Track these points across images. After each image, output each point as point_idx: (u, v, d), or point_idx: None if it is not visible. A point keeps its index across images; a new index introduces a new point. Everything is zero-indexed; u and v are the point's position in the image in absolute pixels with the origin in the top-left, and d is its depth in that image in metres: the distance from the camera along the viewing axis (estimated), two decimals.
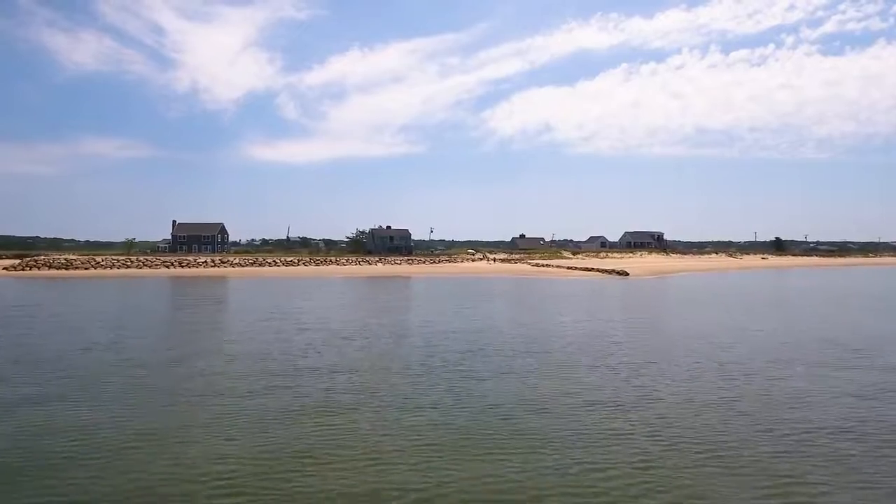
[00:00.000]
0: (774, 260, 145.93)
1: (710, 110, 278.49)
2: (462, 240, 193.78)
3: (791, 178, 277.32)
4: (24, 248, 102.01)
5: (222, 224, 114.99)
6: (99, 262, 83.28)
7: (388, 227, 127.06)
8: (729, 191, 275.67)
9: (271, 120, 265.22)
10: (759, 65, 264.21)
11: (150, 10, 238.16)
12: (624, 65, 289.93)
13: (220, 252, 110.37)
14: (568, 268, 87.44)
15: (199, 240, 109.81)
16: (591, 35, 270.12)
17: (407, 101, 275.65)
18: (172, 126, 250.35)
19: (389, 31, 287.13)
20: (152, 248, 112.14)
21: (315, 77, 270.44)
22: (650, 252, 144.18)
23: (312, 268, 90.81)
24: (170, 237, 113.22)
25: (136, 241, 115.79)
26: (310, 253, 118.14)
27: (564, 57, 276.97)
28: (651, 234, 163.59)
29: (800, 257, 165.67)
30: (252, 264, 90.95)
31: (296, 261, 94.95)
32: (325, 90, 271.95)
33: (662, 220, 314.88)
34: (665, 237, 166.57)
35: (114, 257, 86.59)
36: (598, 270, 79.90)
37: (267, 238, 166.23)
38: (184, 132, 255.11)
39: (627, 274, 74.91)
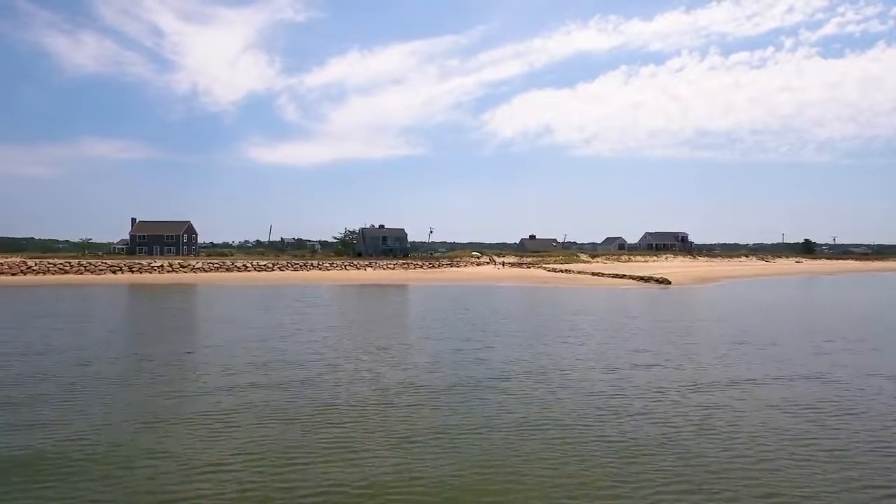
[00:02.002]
0: (810, 264, 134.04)
1: (711, 113, 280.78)
2: (464, 241, 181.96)
3: (794, 180, 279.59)
4: (12, 251, 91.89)
5: (189, 222, 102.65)
6: (31, 267, 71.33)
7: (381, 227, 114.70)
8: (733, 193, 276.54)
9: (271, 122, 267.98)
10: (758, 67, 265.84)
11: (150, 13, 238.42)
12: (623, 67, 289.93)
13: (186, 254, 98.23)
14: (593, 274, 75.29)
15: (161, 240, 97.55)
16: (590, 37, 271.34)
17: (407, 102, 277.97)
18: (173, 128, 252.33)
19: (388, 33, 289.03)
20: (107, 250, 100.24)
21: (315, 79, 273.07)
22: (675, 255, 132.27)
23: (289, 273, 78.82)
24: (127, 237, 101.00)
25: (92, 241, 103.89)
26: (293, 256, 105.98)
27: (564, 59, 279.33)
28: (674, 235, 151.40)
29: (835, 260, 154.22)
30: (217, 269, 78.96)
31: (270, 265, 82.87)
32: (325, 92, 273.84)
33: (672, 222, 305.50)
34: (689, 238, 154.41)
35: (50, 261, 74.54)
36: (632, 278, 67.75)
37: (261, 240, 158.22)
38: (184, 134, 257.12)
39: (669, 282, 62.86)
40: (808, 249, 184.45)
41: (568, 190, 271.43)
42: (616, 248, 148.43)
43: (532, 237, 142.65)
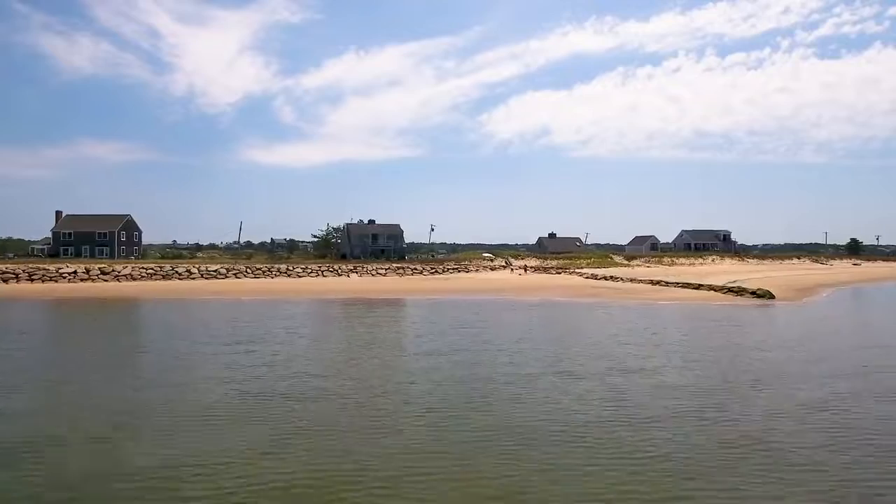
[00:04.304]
0: (874, 267, 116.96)
1: (708, 114, 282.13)
2: (464, 243, 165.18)
3: (796, 180, 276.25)
4: None
5: (129, 217, 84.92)
6: None
7: (372, 222, 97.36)
8: (735, 194, 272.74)
9: (269, 123, 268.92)
10: (755, 68, 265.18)
11: (146, 14, 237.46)
12: (620, 68, 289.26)
13: (127, 256, 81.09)
14: (651, 282, 58.23)
15: (91, 239, 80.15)
16: (586, 38, 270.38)
17: (404, 104, 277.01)
18: (171, 129, 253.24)
19: (384, 34, 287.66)
20: (25, 251, 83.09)
21: (311, 80, 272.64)
22: (722, 256, 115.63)
23: (246, 281, 61.82)
24: (50, 234, 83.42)
25: (13, 240, 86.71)
26: (269, 258, 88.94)
27: (560, 60, 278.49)
28: (715, 234, 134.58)
29: (894, 262, 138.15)
30: (151, 276, 61.88)
31: (225, 270, 65.77)
32: (322, 94, 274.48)
33: (693, 220, 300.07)
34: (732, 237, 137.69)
35: None
36: (712, 289, 50.77)
37: (252, 241, 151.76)
38: (182, 135, 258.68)
39: (773, 296, 46.01)
40: (854, 250, 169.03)
41: (573, 190, 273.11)
42: (648, 248, 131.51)
43: (552, 236, 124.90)
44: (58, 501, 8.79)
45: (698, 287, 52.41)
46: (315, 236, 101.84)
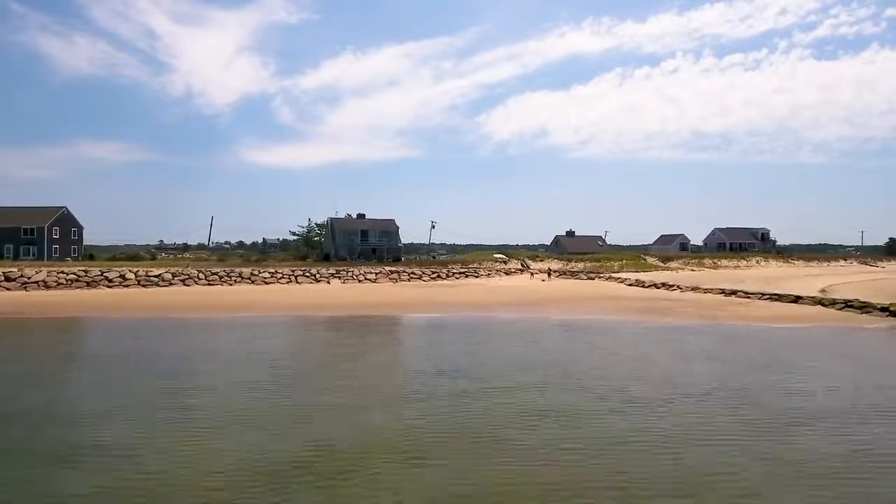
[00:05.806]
0: None
1: (706, 114, 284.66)
2: (469, 243, 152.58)
3: (794, 181, 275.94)
4: None
5: (64, 209, 72.03)
6: None
7: (361, 216, 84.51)
8: (735, 194, 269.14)
9: (267, 124, 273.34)
10: (752, 69, 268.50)
11: (143, 15, 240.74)
12: (618, 69, 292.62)
13: (63, 256, 68.40)
14: (724, 293, 45.72)
15: (15, 236, 67.42)
16: (583, 39, 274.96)
17: (402, 104, 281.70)
18: (169, 130, 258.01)
19: (382, 34, 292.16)
20: None
21: (309, 81, 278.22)
22: (765, 258, 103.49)
23: (198, 290, 49.53)
24: None
25: None
26: (244, 261, 76.68)
27: (558, 61, 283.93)
28: (752, 233, 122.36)
29: None
30: (73, 282, 49.40)
31: (170, 276, 53.21)
32: (320, 94, 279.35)
33: (692, 219, 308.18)
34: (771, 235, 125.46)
35: None
36: (820, 303, 38.34)
37: (244, 241, 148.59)
38: (180, 136, 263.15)
39: None
40: (893, 251, 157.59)
41: (573, 189, 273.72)
42: (677, 248, 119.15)
43: (570, 234, 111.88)
44: None
45: (796, 300, 39.85)
46: (294, 234, 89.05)
